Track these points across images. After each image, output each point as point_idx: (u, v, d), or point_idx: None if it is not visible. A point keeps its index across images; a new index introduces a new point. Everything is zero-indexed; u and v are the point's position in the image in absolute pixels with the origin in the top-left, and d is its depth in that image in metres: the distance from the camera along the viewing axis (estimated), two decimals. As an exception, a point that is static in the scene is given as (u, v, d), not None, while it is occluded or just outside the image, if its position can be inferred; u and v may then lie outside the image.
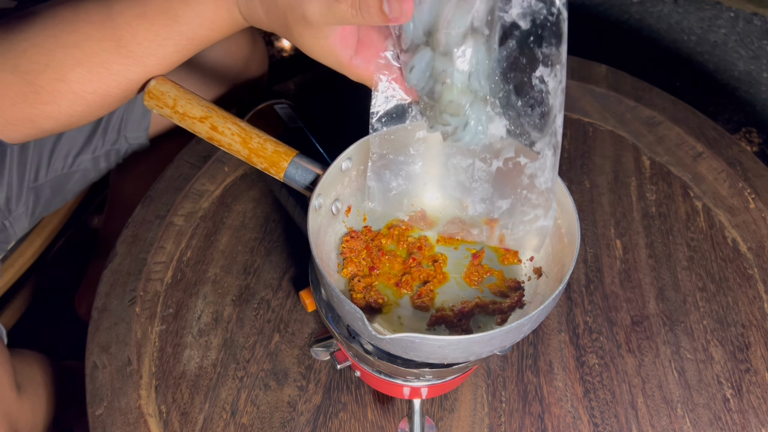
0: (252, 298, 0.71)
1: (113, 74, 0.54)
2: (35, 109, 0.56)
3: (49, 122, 0.57)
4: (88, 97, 0.55)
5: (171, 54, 0.54)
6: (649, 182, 0.81)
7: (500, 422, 0.64)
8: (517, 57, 0.45)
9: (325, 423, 0.63)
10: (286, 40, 0.51)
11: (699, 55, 1.64)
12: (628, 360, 0.67)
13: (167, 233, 0.75)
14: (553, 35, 0.42)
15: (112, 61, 0.54)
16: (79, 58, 0.54)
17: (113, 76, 0.54)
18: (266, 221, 0.77)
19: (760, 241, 0.75)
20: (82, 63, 0.54)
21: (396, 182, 0.56)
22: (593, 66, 0.90)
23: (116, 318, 0.69)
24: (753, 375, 0.66)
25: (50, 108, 0.56)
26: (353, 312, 0.45)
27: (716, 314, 0.70)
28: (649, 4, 1.72)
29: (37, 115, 0.56)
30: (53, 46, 0.53)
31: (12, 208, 0.85)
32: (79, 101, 0.56)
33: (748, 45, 1.62)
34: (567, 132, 0.85)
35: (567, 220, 0.51)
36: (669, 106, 0.86)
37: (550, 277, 0.52)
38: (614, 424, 0.64)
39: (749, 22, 1.66)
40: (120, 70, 0.54)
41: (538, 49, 0.43)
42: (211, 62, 0.92)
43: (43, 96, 0.55)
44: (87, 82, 0.54)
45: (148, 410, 0.64)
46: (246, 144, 0.52)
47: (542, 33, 0.42)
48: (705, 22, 1.68)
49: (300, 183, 0.53)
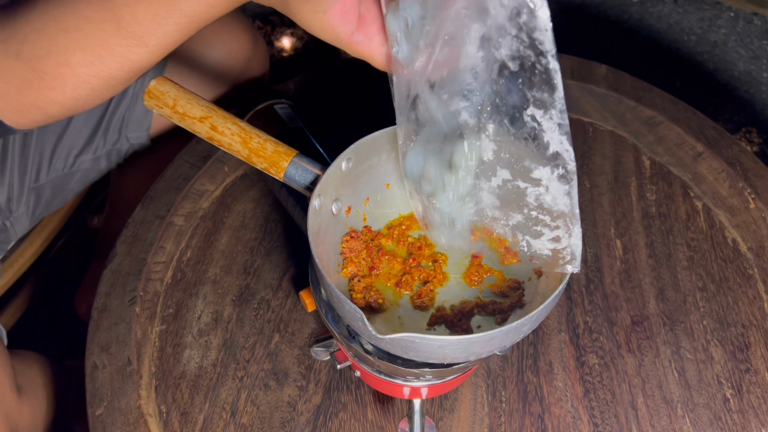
0: (252, 298, 0.71)
1: (115, 56, 0.54)
2: (41, 95, 0.55)
3: (55, 107, 0.57)
4: (92, 80, 0.55)
5: (171, 33, 0.53)
6: (649, 182, 0.81)
7: (500, 422, 0.64)
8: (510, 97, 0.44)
9: (325, 423, 0.63)
10: (284, 14, 0.50)
11: (699, 55, 1.64)
12: (628, 360, 0.67)
13: (167, 233, 0.75)
14: (545, 83, 0.41)
15: (113, 43, 0.53)
16: (81, 42, 0.53)
17: (115, 58, 0.54)
18: (266, 221, 0.77)
19: (760, 241, 0.75)
20: (84, 46, 0.53)
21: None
22: (593, 66, 0.90)
23: (116, 318, 0.69)
24: (753, 375, 0.66)
25: (55, 93, 0.55)
26: (353, 312, 0.45)
27: (716, 314, 0.70)
28: (649, 4, 1.72)
29: (43, 101, 0.56)
30: (55, 31, 0.53)
31: (13, 209, 0.85)
32: (83, 85, 0.55)
33: (748, 45, 1.62)
34: (567, 132, 0.85)
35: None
36: (669, 106, 0.86)
37: (550, 277, 0.52)
38: (614, 424, 0.64)
39: (749, 22, 1.66)
40: (122, 52, 0.53)
41: (529, 92, 0.42)
42: (213, 62, 0.92)
43: (47, 81, 0.55)
44: (90, 65, 0.54)
45: (148, 410, 0.64)
46: (246, 144, 0.52)
47: (531, 79, 0.41)
48: (705, 22, 1.68)
49: (300, 183, 0.52)
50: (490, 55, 0.42)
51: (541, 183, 0.47)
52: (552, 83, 0.41)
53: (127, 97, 0.88)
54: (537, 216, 0.49)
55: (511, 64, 0.41)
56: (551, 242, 0.49)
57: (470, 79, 0.45)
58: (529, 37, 0.39)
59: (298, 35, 1.71)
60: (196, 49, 0.92)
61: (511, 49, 0.41)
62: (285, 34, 1.71)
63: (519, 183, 0.48)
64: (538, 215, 0.49)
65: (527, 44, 0.39)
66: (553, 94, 0.41)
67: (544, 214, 0.48)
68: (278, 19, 1.74)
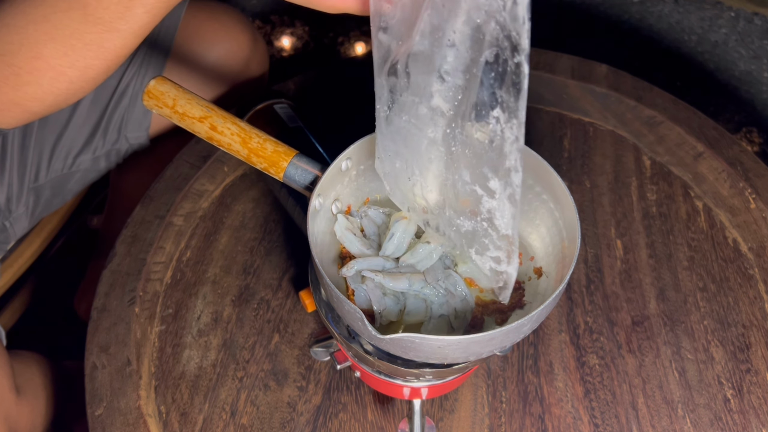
0: (252, 299, 0.71)
1: (87, 44, 0.52)
2: (19, 92, 0.55)
3: (36, 103, 0.56)
4: (68, 72, 0.54)
5: (140, 16, 0.52)
6: (650, 182, 0.81)
7: (500, 423, 0.63)
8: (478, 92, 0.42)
9: (325, 423, 0.63)
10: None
11: (699, 55, 1.64)
12: (628, 360, 0.67)
13: (167, 233, 0.75)
14: (513, 85, 0.39)
15: (83, 31, 0.52)
16: (51, 32, 0.52)
17: (88, 47, 0.53)
18: (266, 221, 0.77)
19: (760, 241, 0.75)
20: (54, 36, 0.52)
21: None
22: (593, 66, 0.90)
23: (116, 318, 0.69)
24: (754, 375, 0.66)
25: (33, 88, 0.54)
26: (353, 312, 0.45)
27: (717, 314, 0.70)
28: (649, 4, 1.72)
29: (22, 98, 0.55)
30: (24, 23, 0.52)
31: (12, 209, 0.85)
32: (59, 78, 0.54)
33: (749, 45, 1.62)
34: (567, 132, 0.85)
35: (568, 219, 0.50)
36: (669, 105, 0.86)
37: (551, 277, 0.52)
38: (615, 424, 0.63)
39: (750, 21, 1.66)
40: (93, 39, 0.52)
41: (498, 91, 0.40)
42: (212, 62, 0.92)
43: (23, 77, 0.54)
44: (63, 56, 0.53)
45: (148, 410, 0.64)
46: (245, 144, 0.52)
47: (503, 76, 0.39)
48: (705, 21, 1.68)
49: (300, 183, 0.52)
50: (472, 36, 0.40)
51: (495, 196, 0.44)
52: (519, 87, 0.38)
53: (126, 97, 0.88)
54: (487, 228, 0.46)
55: (488, 52, 0.39)
56: (493, 261, 0.47)
57: (450, 59, 0.42)
58: (508, 28, 0.38)
59: (298, 35, 1.71)
60: (196, 49, 0.92)
61: (491, 35, 0.39)
62: (285, 34, 1.71)
63: (477, 188, 0.45)
64: (487, 228, 0.46)
65: (506, 34, 0.38)
66: (518, 100, 0.39)
67: (493, 230, 0.46)
68: (278, 19, 1.74)
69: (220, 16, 0.95)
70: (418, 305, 0.51)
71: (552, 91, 0.88)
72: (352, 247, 0.52)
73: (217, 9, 0.96)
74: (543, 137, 0.85)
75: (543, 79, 0.89)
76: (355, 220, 0.54)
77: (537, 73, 0.89)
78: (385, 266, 0.52)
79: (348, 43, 1.67)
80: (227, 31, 0.94)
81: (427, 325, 0.50)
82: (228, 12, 0.97)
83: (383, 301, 0.50)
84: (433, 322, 0.50)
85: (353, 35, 1.68)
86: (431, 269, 0.51)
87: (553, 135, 0.85)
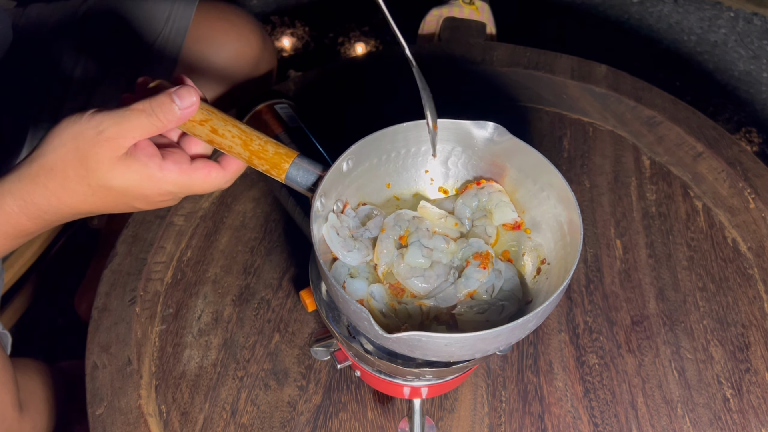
0: (252, 298, 0.71)
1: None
2: None
3: None
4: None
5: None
6: (649, 182, 0.81)
7: (500, 422, 0.64)
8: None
9: (325, 423, 0.64)
10: (84, 182, 0.49)
11: (699, 55, 1.64)
12: (628, 360, 0.67)
13: (167, 233, 0.75)
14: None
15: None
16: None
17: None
18: (266, 221, 0.77)
19: (760, 241, 0.75)
20: None
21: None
22: (593, 66, 0.90)
23: (116, 318, 0.69)
24: (753, 375, 0.66)
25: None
26: (359, 312, 0.45)
27: (716, 314, 0.70)
28: (649, 4, 1.72)
29: None
30: None
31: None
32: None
33: (748, 45, 1.62)
34: (567, 132, 0.85)
35: (569, 217, 0.50)
36: (669, 106, 0.86)
37: (551, 276, 0.52)
38: (614, 424, 0.64)
39: (749, 22, 1.66)
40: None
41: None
42: (223, 62, 0.93)
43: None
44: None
45: (148, 410, 0.64)
46: (247, 146, 0.52)
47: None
48: (705, 22, 1.68)
49: (301, 184, 0.52)
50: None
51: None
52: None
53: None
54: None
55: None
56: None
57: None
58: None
59: (298, 35, 1.71)
60: (207, 49, 0.93)
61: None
62: (285, 34, 1.71)
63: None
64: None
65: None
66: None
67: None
68: (279, 20, 1.74)
69: (230, 16, 0.96)
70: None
71: (552, 92, 0.88)
72: (331, 245, 0.52)
73: (227, 10, 0.97)
74: (543, 137, 0.85)
75: (543, 79, 0.89)
76: (346, 219, 0.54)
77: (537, 73, 0.89)
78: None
79: (348, 43, 1.67)
80: (237, 32, 0.95)
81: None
82: (238, 12, 0.98)
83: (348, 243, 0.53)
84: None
85: (353, 35, 1.68)
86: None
87: (553, 135, 0.85)
